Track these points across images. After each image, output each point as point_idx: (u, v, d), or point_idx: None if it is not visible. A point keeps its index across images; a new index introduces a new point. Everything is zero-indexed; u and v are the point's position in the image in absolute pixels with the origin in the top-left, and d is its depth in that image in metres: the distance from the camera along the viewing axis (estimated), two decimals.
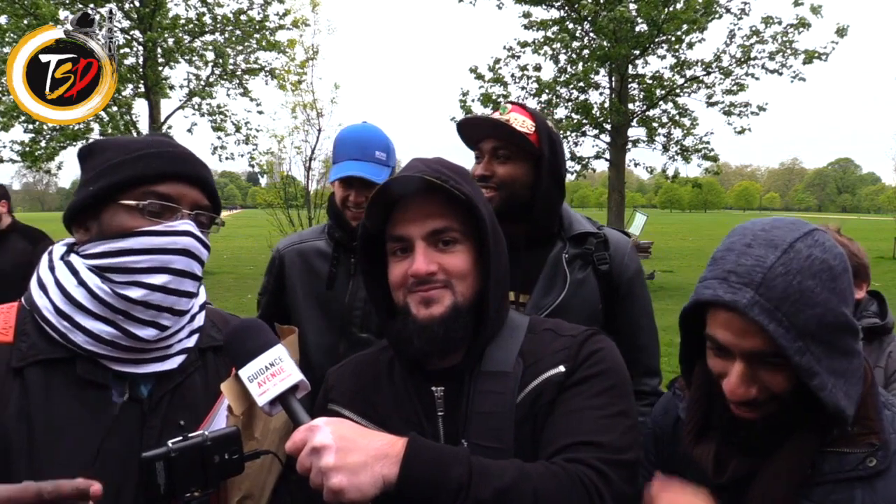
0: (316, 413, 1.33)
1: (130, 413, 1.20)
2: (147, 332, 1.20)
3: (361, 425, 1.25)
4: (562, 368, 1.23)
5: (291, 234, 2.62)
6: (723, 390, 1.15)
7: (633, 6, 14.84)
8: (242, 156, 17.84)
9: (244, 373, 1.11)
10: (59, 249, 1.28)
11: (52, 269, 1.23)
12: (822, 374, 1.07)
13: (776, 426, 1.13)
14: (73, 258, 1.22)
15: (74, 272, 1.20)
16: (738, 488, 1.17)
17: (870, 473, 1.10)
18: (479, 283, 1.27)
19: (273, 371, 1.10)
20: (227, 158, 17.91)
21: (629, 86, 16.94)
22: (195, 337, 1.33)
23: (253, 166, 17.45)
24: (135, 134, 15.68)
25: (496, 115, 1.96)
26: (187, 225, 1.21)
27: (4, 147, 15.30)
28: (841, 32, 15.26)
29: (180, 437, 1.04)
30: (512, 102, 2.03)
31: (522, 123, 1.95)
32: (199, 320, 1.35)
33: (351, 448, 1.02)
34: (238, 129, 17.78)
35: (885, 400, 1.20)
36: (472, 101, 16.62)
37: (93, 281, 1.18)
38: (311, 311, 2.34)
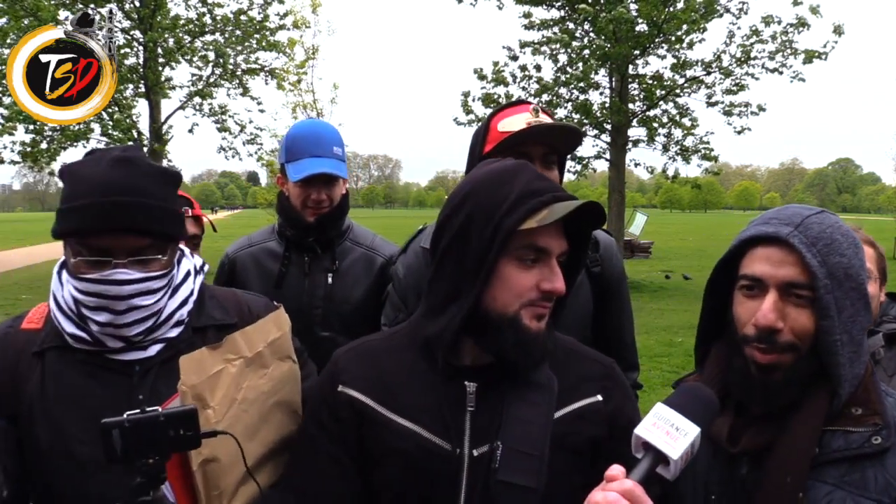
0: (323, 393, 1.34)
1: (121, 387, 1.40)
2: (115, 344, 1.41)
3: (378, 412, 1.27)
4: (599, 398, 1.31)
5: (241, 238, 2.60)
6: (744, 344, 1.23)
7: (633, 6, 14.83)
8: (251, 155, 17.94)
9: (672, 417, 1.13)
10: (61, 260, 1.47)
11: (59, 277, 1.46)
12: (835, 322, 1.17)
13: (791, 382, 1.20)
14: (63, 273, 1.44)
15: (63, 284, 1.43)
16: (752, 461, 1.23)
17: (875, 450, 1.16)
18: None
19: (676, 435, 1.11)
20: (233, 157, 17.97)
21: (629, 86, 16.93)
22: (178, 329, 1.47)
23: (262, 165, 17.53)
24: (135, 134, 15.70)
25: (536, 119, 1.87)
26: (120, 274, 1.34)
27: (5, 148, 15.31)
28: (838, 31, 15.22)
29: (138, 410, 1.18)
30: (541, 108, 1.93)
31: None
32: (182, 315, 1.48)
33: None
34: (243, 129, 17.80)
35: (885, 389, 1.27)
36: (474, 100, 16.64)
37: (72, 304, 1.40)
38: None
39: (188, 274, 1.52)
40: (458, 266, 1.24)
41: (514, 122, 1.87)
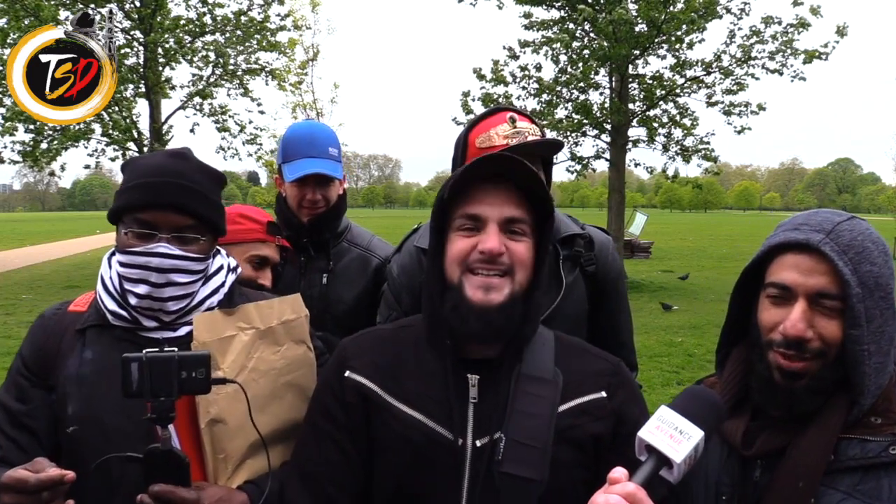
0: (330, 379, 1.37)
1: None
2: (150, 323, 1.51)
3: (383, 399, 1.30)
4: (603, 394, 1.34)
5: None
6: (769, 349, 1.21)
7: (632, 6, 14.81)
8: (251, 155, 17.97)
9: (676, 420, 1.11)
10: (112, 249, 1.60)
11: (108, 261, 1.58)
12: (864, 331, 1.15)
13: (815, 390, 1.19)
14: (114, 257, 1.55)
15: (111, 266, 1.55)
16: (765, 464, 1.23)
17: (893, 460, 1.14)
18: (531, 279, 1.32)
19: (679, 439, 1.09)
20: (232, 156, 17.99)
21: (629, 86, 16.91)
22: None
23: (262, 165, 17.56)
24: (135, 134, 15.70)
25: (514, 129, 1.88)
26: (161, 247, 1.46)
27: (6, 147, 15.31)
28: (841, 32, 15.22)
29: (157, 349, 1.26)
30: (516, 111, 1.93)
31: (534, 132, 1.91)
32: (212, 303, 1.57)
33: None
34: (242, 129, 17.80)
35: None
36: (474, 99, 16.63)
37: (116, 282, 1.52)
38: None
39: (221, 267, 1.63)
40: (437, 255, 1.34)
41: (492, 137, 1.88)
